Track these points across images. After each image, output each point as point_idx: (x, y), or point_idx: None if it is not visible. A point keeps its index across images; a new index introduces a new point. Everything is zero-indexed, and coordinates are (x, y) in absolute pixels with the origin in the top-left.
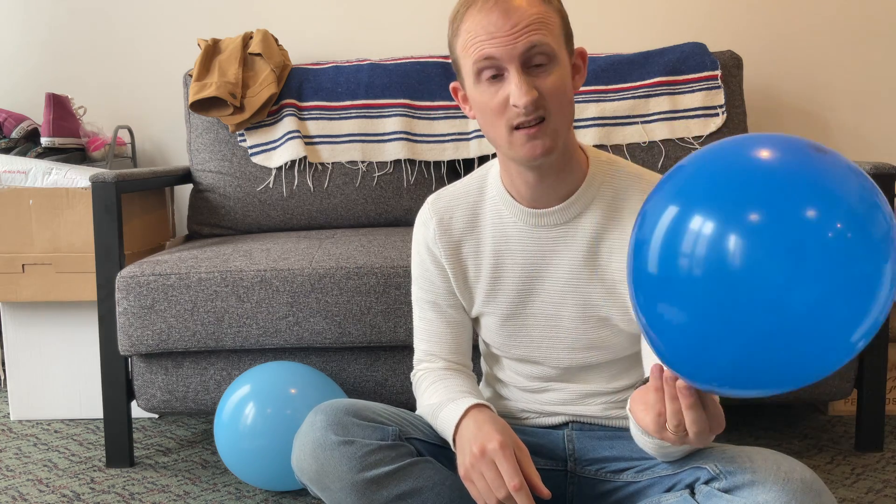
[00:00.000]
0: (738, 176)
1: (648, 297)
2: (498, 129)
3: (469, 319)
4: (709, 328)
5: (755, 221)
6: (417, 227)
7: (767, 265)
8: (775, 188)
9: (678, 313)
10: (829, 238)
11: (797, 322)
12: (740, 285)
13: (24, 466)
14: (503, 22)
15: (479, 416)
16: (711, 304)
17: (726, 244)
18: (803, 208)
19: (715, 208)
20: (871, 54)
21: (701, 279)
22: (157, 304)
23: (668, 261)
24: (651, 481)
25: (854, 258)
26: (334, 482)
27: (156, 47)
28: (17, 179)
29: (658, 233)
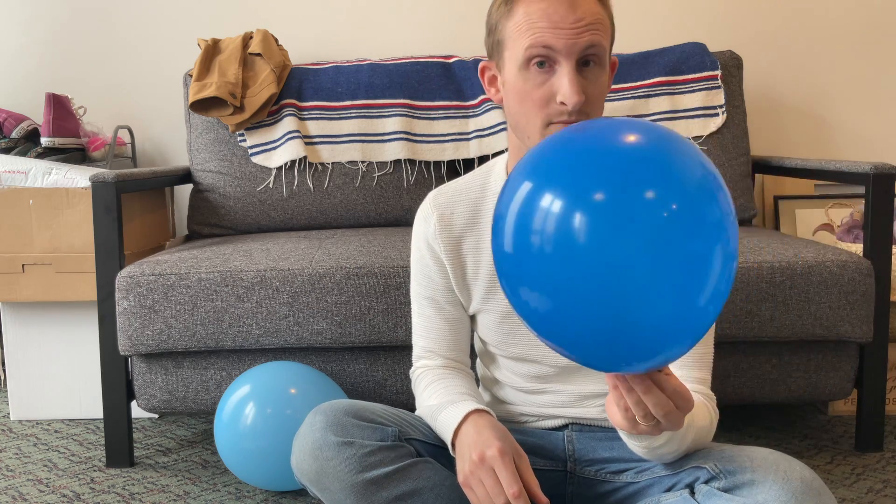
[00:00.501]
0: (591, 156)
1: (509, 277)
2: (532, 120)
3: (467, 317)
4: (564, 304)
5: (599, 200)
6: (418, 223)
7: (610, 240)
8: (622, 169)
9: (537, 294)
10: (663, 216)
11: (641, 290)
12: (586, 259)
13: (24, 466)
14: (569, 14)
15: (478, 421)
16: (563, 279)
17: (572, 221)
18: (644, 189)
19: (564, 187)
20: (870, 54)
21: (551, 255)
22: (157, 304)
23: (521, 238)
24: (651, 481)
25: (686, 236)
26: (334, 483)
27: (156, 47)
28: (17, 179)
29: (513, 209)
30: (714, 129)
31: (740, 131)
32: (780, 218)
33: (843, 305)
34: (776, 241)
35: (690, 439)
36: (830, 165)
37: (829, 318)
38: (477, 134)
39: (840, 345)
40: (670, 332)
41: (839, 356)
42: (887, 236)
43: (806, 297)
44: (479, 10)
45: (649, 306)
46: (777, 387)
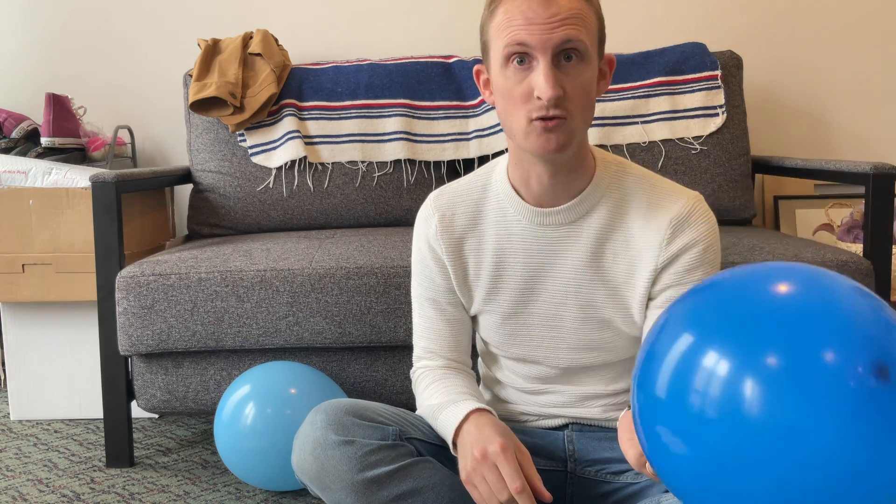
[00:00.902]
0: (758, 312)
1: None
2: (516, 118)
3: (468, 318)
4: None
5: (773, 365)
6: (419, 223)
7: (787, 414)
8: (795, 328)
9: (685, 447)
10: (850, 386)
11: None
12: (758, 435)
13: (24, 466)
14: (542, 10)
15: (480, 419)
16: (719, 446)
17: (742, 388)
18: (822, 351)
19: (731, 346)
20: (870, 54)
21: (712, 420)
22: (157, 304)
23: (678, 392)
24: (650, 482)
25: (882, 403)
26: (334, 482)
27: (156, 47)
28: (17, 179)
29: (671, 358)
30: (714, 129)
31: (740, 131)
32: (780, 218)
33: None
34: (776, 241)
35: None
36: (830, 165)
37: None
38: (477, 134)
39: None
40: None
41: None
42: (887, 236)
43: None
44: (479, 10)
45: (833, 489)
46: None
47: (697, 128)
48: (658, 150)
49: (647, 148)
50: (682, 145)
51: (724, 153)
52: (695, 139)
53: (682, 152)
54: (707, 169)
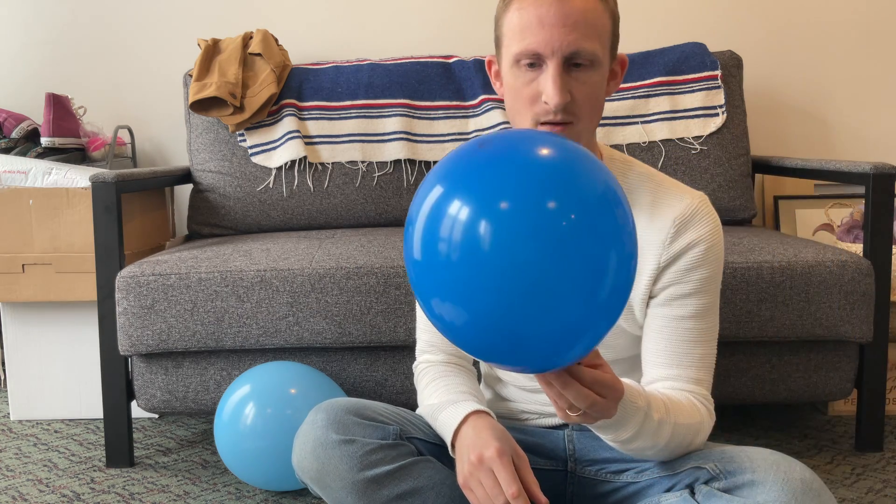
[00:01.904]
0: (503, 166)
1: (419, 286)
2: (523, 119)
3: None
4: (470, 308)
5: (505, 208)
6: None
7: (515, 245)
8: (530, 180)
9: (447, 304)
10: (562, 225)
11: (546, 293)
12: (491, 265)
13: (24, 466)
14: (556, 14)
15: (477, 422)
16: (468, 284)
17: (478, 228)
18: (547, 199)
19: (472, 194)
20: (870, 54)
21: (457, 262)
22: (157, 304)
23: (429, 244)
24: (651, 481)
25: (582, 244)
26: (335, 481)
27: (156, 47)
28: (17, 179)
29: (422, 215)
30: (714, 129)
31: (740, 131)
32: (780, 218)
33: (843, 305)
34: (776, 241)
35: (668, 435)
36: (830, 165)
37: (829, 318)
38: (477, 134)
39: (840, 345)
40: (578, 327)
41: (839, 356)
42: (887, 236)
43: (806, 297)
44: (479, 10)
45: (555, 306)
46: (777, 387)
47: (697, 128)
48: (658, 150)
49: (647, 148)
50: (682, 145)
51: (724, 153)
52: (695, 139)
53: (682, 152)
54: (707, 169)
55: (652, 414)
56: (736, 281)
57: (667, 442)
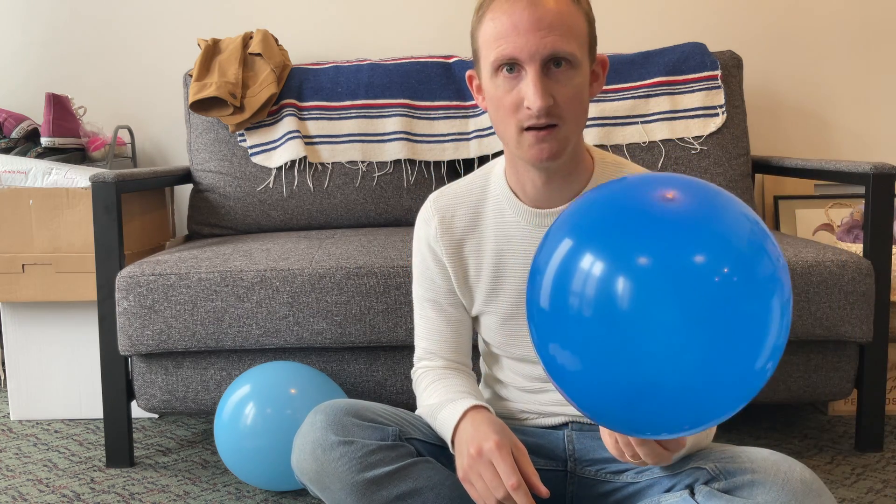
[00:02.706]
0: (633, 216)
1: (541, 332)
2: (508, 127)
3: (469, 318)
4: (599, 372)
5: (644, 265)
6: (419, 225)
7: (656, 309)
8: (666, 231)
9: (569, 353)
10: (714, 282)
11: (689, 364)
12: (629, 328)
13: (24, 466)
14: (529, 15)
15: (476, 417)
16: (601, 347)
17: (615, 286)
18: (691, 253)
19: (606, 248)
20: (870, 54)
21: (590, 320)
22: (157, 304)
23: (558, 296)
24: (651, 482)
25: (740, 299)
26: (334, 482)
27: (156, 47)
28: (17, 179)
29: (552, 266)
30: (714, 129)
31: (740, 131)
32: (780, 218)
33: (843, 305)
34: (776, 241)
35: (691, 443)
36: (830, 165)
37: (829, 318)
38: (477, 134)
39: (840, 345)
40: (723, 401)
41: (839, 356)
42: (887, 236)
43: (806, 297)
44: None
45: (699, 378)
46: (777, 387)
47: (697, 128)
48: (658, 150)
49: (647, 148)
50: (682, 145)
51: (724, 153)
52: (695, 139)
53: (682, 152)
54: (707, 169)
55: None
56: None
57: (688, 448)
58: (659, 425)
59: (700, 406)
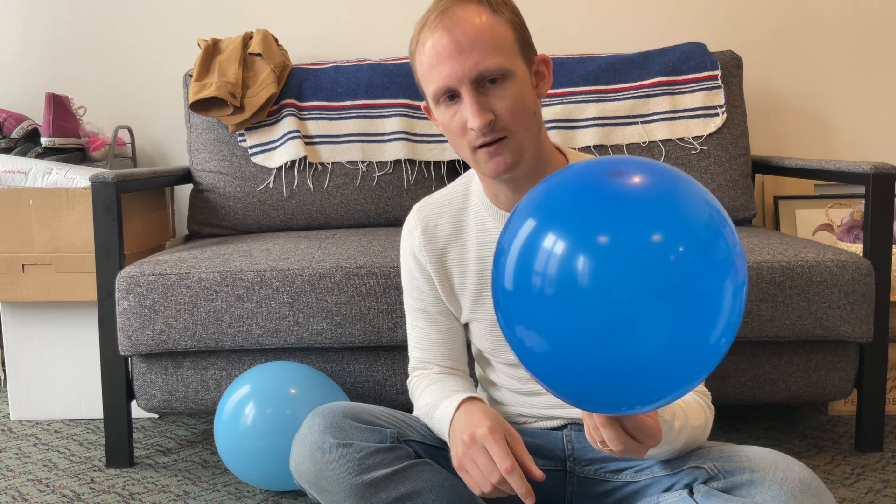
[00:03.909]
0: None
1: (507, 314)
2: (462, 149)
3: (460, 326)
4: (562, 348)
5: (604, 242)
6: (404, 236)
7: (614, 284)
8: (628, 212)
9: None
10: (670, 260)
11: (651, 337)
12: (590, 305)
13: (24, 466)
14: (448, 41)
15: (469, 407)
16: (562, 322)
17: (576, 263)
18: (650, 232)
19: (568, 227)
20: (870, 54)
21: (552, 298)
22: (157, 304)
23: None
24: (650, 481)
25: (696, 277)
26: (333, 485)
27: (156, 47)
28: (17, 179)
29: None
30: (714, 129)
31: (740, 131)
32: (780, 218)
33: (843, 305)
34: (776, 241)
35: (683, 440)
36: (830, 165)
37: (829, 318)
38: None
39: (840, 345)
40: (680, 374)
41: (839, 356)
42: (887, 236)
43: (806, 297)
44: None
45: (658, 351)
46: (777, 387)
47: (697, 128)
48: (658, 150)
49: (647, 148)
50: (682, 145)
51: (724, 153)
52: (695, 139)
53: (682, 152)
54: (707, 169)
55: (675, 424)
56: None
57: (682, 445)
58: (627, 399)
59: (663, 378)
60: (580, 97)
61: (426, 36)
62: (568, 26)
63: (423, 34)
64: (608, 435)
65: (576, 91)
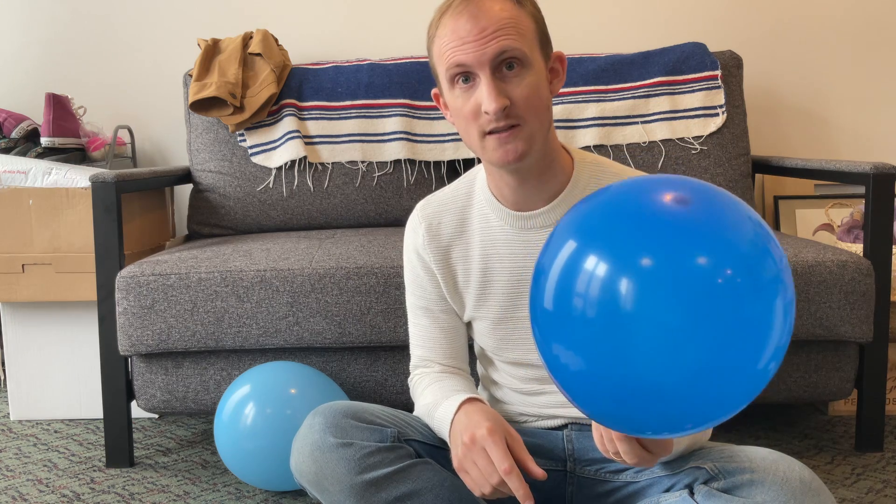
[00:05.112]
0: (637, 218)
1: (544, 332)
2: (471, 135)
3: (463, 324)
4: (599, 369)
5: (647, 266)
6: (408, 234)
7: (659, 310)
8: (670, 234)
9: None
10: (718, 283)
11: (692, 365)
12: (632, 329)
13: (24, 466)
14: (472, 26)
15: (470, 408)
16: (602, 345)
17: (619, 287)
18: (694, 255)
19: (611, 250)
20: (871, 54)
21: (593, 320)
22: (157, 304)
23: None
24: (650, 481)
25: (744, 301)
26: (333, 484)
27: (156, 47)
28: (17, 179)
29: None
30: (714, 129)
31: (740, 131)
32: (780, 218)
33: (843, 305)
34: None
35: (688, 443)
36: (830, 165)
37: (829, 318)
38: None
39: (840, 345)
40: (724, 402)
41: (839, 356)
42: (887, 236)
43: (806, 297)
44: None
45: (699, 377)
46: (777, 387)
47: (697, 128)
48: (658, 150)
49: (648, 148)
50: (683, 145)
51: (724, 153)
52: (695, 139)
53: (682, 152)
54: (707, 169)
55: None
56: None
57: (686, 447)
58: (661, 425)
59: (702, 406)
60: (580, 97)
61: (448, 19)
62: (568, 26)
63: (446, 17)
64: (623, 448)
65: (576, 91)
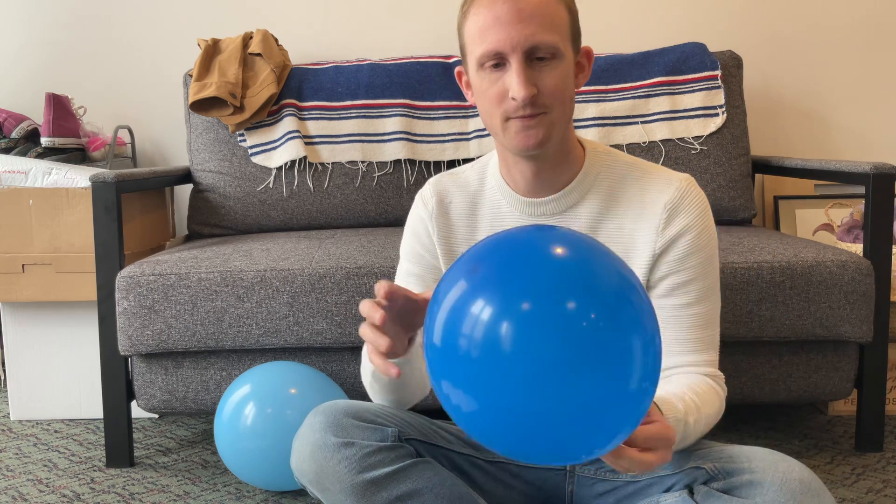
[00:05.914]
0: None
1: (434, 367)
2: (494, 117)
3: None
4: (490, 411)
5: (526, 310)
6: (416, 204)
7: (535, 349)
8: (548, 282)
9: (461, 392)
10: (583, 326)
11: (571, 396)
12: (511, 366)
13: (24, 466)
14: (510, 11)
15: None
16: (486, 384)
17: (499, 328)
18: (567, 301)
19: (496, 294)
20: (871, 54)
21: (477, 360)
22: (157, 304)
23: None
24: (650, 481)
25: (606, 339)
26: (334, 484)
27: (156, 47)
28: (17, 179)
29: (446, 304)
30: (714, 129)
31: (740, 131)
32: (780, 218)
33: (843, 305)
34: (776, 241)
35: (700, 430)
36: (830, 165)
37: (829, 318)
38: (477, 134)
39: (840, 345)
40: (610, 421)
41: (839, 356)
42: (887, 236)
43: (806, 297)
44: None
45: (582, 406)
46: (777, 387)
47: (697, 128)
48: (658, 150)
49: (647, 148)
50: (682, 145)
51: (724, 153)
52: (695, 139)
53: (682, 152)
54: (707, 169)
55: (689, 420)
56: (736, 281)
57: (697, 435)
58: (566, 453)
59: (593, 430)
60: (580, 97)
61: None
62: None
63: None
64: (623, 465)
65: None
